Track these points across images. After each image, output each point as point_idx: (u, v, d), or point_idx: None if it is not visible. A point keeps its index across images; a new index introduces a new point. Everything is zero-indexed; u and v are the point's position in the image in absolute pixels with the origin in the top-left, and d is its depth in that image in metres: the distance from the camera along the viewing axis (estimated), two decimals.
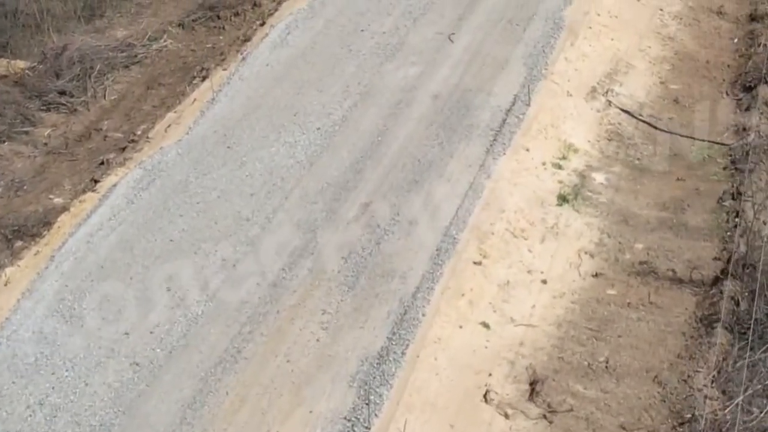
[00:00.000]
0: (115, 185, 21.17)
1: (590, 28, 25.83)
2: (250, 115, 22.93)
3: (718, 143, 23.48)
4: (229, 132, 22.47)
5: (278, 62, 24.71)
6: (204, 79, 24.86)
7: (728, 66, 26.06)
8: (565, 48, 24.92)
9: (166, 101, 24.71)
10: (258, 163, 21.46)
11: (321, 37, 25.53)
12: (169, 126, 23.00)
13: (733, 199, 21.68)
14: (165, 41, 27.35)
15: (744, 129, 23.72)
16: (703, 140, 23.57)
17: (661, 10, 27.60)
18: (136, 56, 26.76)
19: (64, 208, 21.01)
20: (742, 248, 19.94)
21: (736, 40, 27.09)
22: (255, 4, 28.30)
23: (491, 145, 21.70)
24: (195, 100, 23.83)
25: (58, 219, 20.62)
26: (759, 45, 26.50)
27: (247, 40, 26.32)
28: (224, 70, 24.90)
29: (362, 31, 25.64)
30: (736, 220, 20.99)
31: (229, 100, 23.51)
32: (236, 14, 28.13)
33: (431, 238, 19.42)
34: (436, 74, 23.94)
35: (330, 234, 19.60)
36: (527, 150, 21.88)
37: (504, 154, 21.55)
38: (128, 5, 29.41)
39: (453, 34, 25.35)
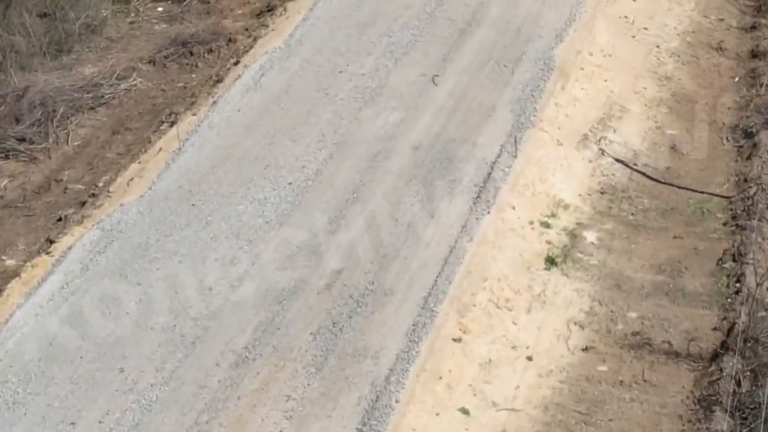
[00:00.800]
0: (70, 248, 19.70)
1: (582, 69, 24.35)
2: (217, 168, 21.47)
3: (717, 195, 22.04)
4: (194, 187, 21.00)
5: (250, 108, 23.24)
6: (172, 124, 23.39)
7: (728, 108, 24.59)
8: (555, 92, 23.45)
9: (131, 148, 23.26)
10: (224, 224, 19.99)
11: (296, 80, 24.05)
12: (131, 179, 21.53)
13: (734, 260, 20.23)
14: (134, 80, 25.86)
15: (745, 180, 22.28)
16: (702, 192, 22.14)
17: (658, 47, 26.10)
18: (102, 97, 25.26)
19: (16, 273, 19.53)
20: (744, 318, 18.50)
21: (737, 79, 25.63)
22: (230, 40, 26.83)
23: (474, 203, 20.26)
24: (161, 149, 22.36)
25: (8, 286, 19.14)
26: (761, 85, 25.02)
27: (219, 80, 24.84)
28: (193, 115, 23.43)
29: (340, 72, 24.16)
30: (737, 285, 19.57)
31: (196, 150, 22.05)
32: (210, 51, 26.64)
33: (408, 311, 17.98)
34: (418, 122, 22.49)
35: (299, 306, 18.15)
36: (513, 208, 20.42)
37: (488, 213, 20.10)
38: (98, 39, 27.89)
39: (437, 76, 23.88)
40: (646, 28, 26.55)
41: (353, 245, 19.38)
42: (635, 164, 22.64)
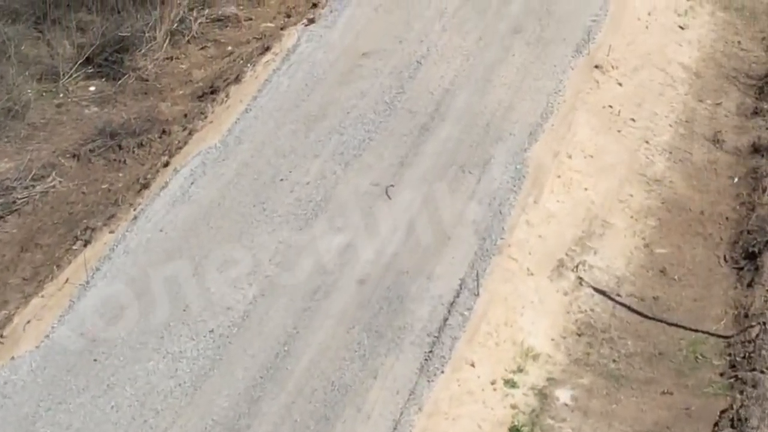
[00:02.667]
0: None
1: (559, 176, 21.22)
2: (128, 310, 18.36)
3: (713, 335, 18.97)
4: (99, 335, 17.90)
5: (175, 227, 20.14)
6: (86, 243, 20.35)
7: (727, 219, 21.51)
8: (527, 206, 20.36)
9: (39, 272, 20.20)
10: (129, 387, 16.90)
11: (230, 190, 20.95)
12: (29, 322, 18.45)
13: (732, 426, 17.13)
14: (53, 180, 22.80)
15: (746, 315, 19.20)
16: (696, 330, 19.06)
17: (647, 142, 22.96)
18: (14, 203, 22.22)
19: None
20: None
21: (736, 180, 22.54)
22: (164, 132, 23.76)
23: (426, 360, 17.18)
24: (67, 280, 19.28)
25: None
26: (763, 190, 21.90)
27: (146, 185, 21.77)
28: (111, 232, 20.36)
29: (281, 180, 21.07)
30: None
31: (106, 284, 18.96)
32: (140, 145, 23.56)
33: None
34: (366, 247, 19.41)
35: None
36: (472, 364, 17.33)
37: (442, 372, 17.03)
38: (18, 127, 24.78)
39: (391, 186, 20.80)
40: (633, 120, 23.42)
41: (279, 418, 16.30)
42: (618, 295, 19.57)
